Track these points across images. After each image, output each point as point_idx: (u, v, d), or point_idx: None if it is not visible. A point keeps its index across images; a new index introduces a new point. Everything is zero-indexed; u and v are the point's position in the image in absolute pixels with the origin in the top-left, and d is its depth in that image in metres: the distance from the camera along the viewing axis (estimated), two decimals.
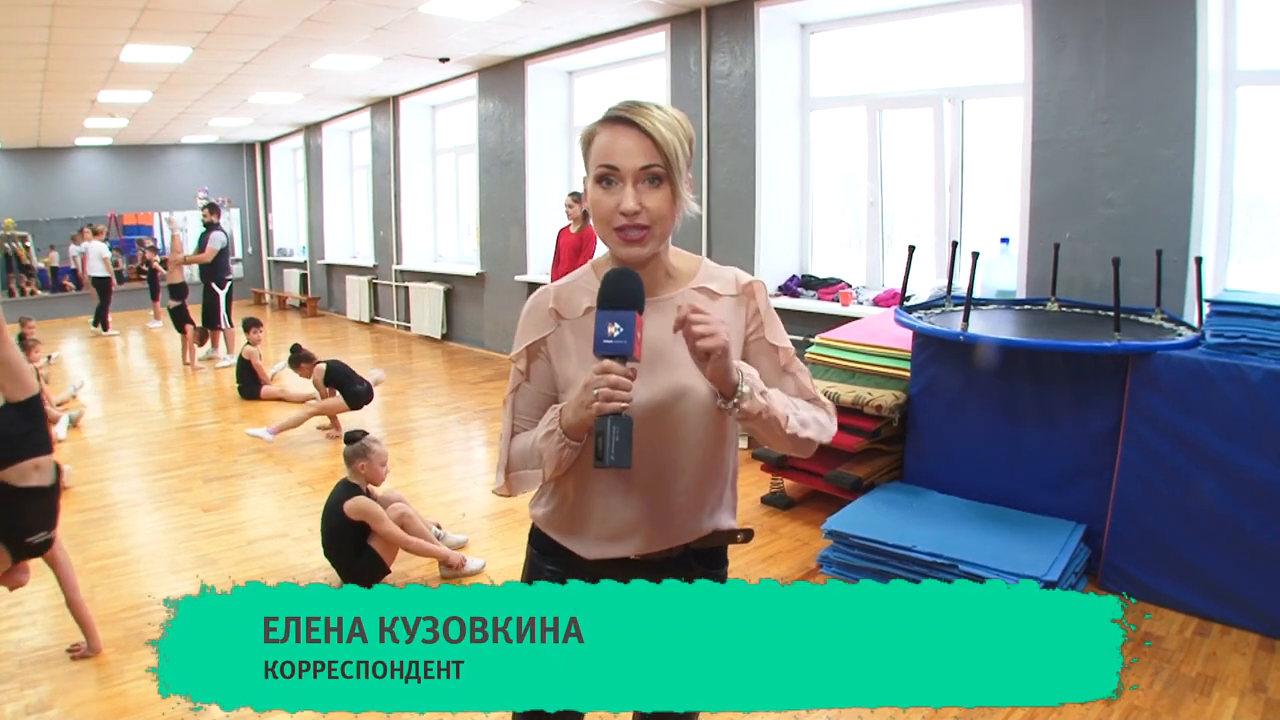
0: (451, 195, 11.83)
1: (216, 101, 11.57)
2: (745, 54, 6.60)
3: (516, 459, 1.66)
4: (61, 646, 3.48)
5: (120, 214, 16.71)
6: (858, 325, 5.21)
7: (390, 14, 7.14)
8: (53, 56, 8.02)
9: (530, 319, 1.68)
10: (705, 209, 7.03)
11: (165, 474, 5.92)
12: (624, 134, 1.52)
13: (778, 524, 4.57)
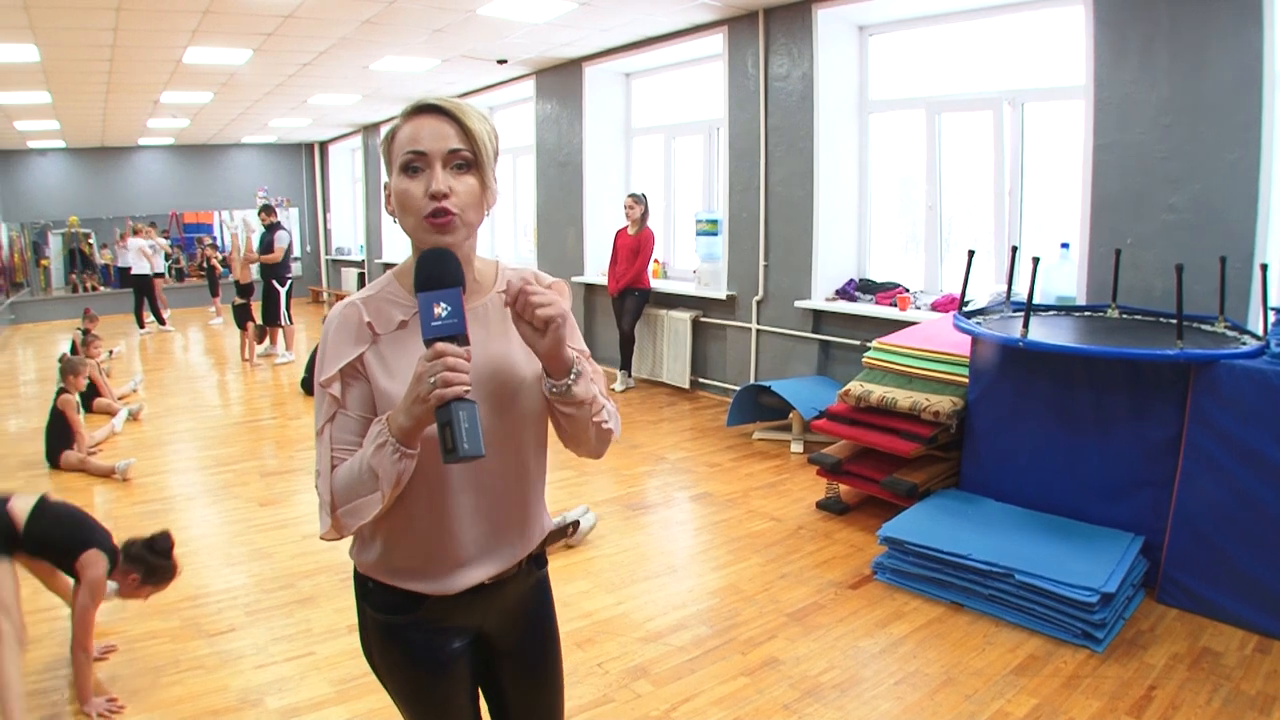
0: (509, 196, 11.95)
1: (276, 102, 11.79)
2: (803, 56, 6.60)
3: (342, 493, 1.47)
4: (117, 635, 3.62)
5: (181, 213, 17.14)
6: (915, 330, 5.19)
7: (448, 16, 7.22)
8: (117, 59, 8.25)
9: (340, 336, 1.53)
10: (763, 212, 7.04)
11: (223, 468, 6.09)
12: (430, 121, 1.48)
13: (832, 529, 4.59)
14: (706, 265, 7.67)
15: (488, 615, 1.69)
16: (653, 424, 6.94)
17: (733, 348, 7.54)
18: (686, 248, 8.50)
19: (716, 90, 7.61)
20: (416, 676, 1.65)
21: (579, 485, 5.47)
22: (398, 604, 1.60)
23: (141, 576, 3.30)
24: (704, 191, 8.26)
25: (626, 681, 3.16)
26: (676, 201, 8.81)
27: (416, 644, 1.62)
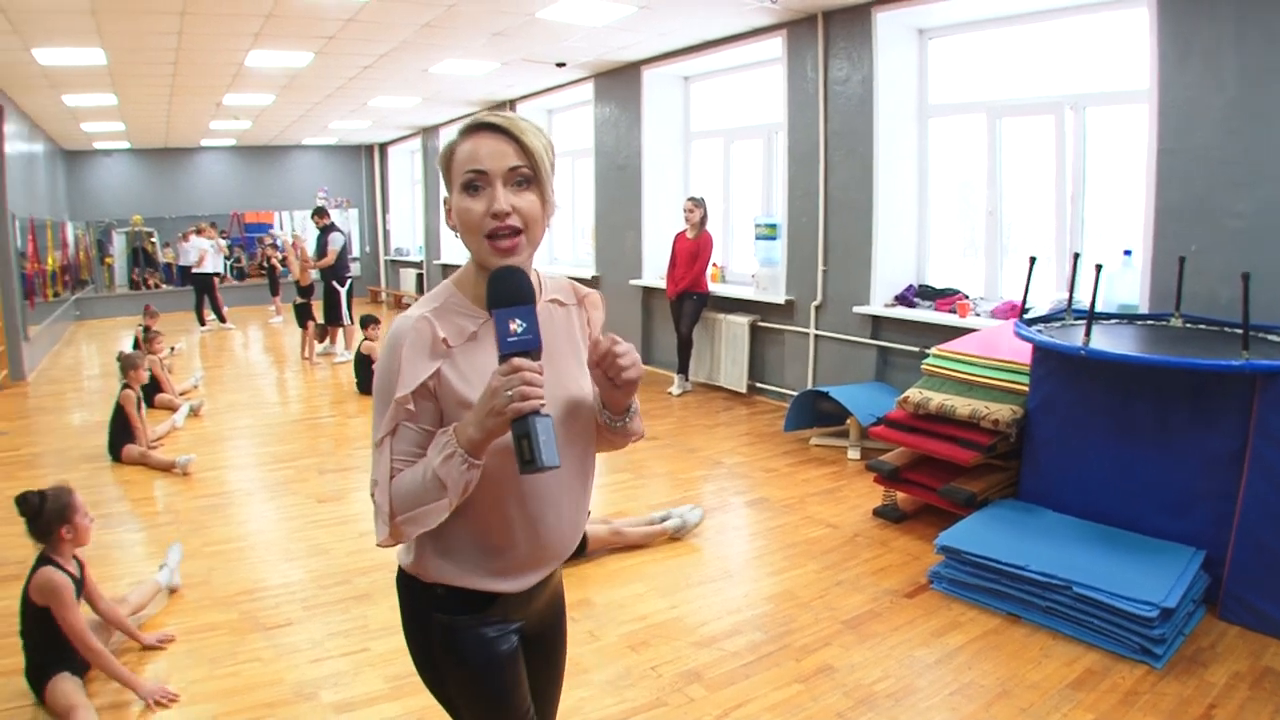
0: (567, 198, 12.03)
1: (336, 105, 12.00)
2: (863, 60, 6.58)
3: (403, 501, 1.51)
4: (179, 625, 3.74)
5: (242, 213, 17.55)
6: (975, 337, 5.16)
7: (507, 20, 7.30)
8: (181, 62, 8.48)
9: (416, 351, 1.54)
10: (822, 217, 7.03)
11: (281, 464, 6.24)
12: (488, 139, 1.52)
13: (889, 537, 4.58)
14: (765, 270, 7.68)
15: (537, 607, 1.78)
16: (709, 428, 6.97)
17: (790, 353, 7.54)
18: (745, 252, 8.51)
19: (775, 94, 7.60)
20: (492, 671, 1.70)
21: (635, 488, 5.53)
22: (471, 603, 1.66)
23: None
24: (762, 195, 8.26)
25: (680, 685, 3.19)
26: (735, 205, 8.82)
27: (489, 639, 1.68)
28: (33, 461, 6.48)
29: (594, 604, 3.90)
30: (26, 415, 8.14)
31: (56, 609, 3.09)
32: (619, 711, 3.05)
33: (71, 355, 12.05)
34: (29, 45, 7.45)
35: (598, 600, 3.93)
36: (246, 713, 3.08)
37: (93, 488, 5.71)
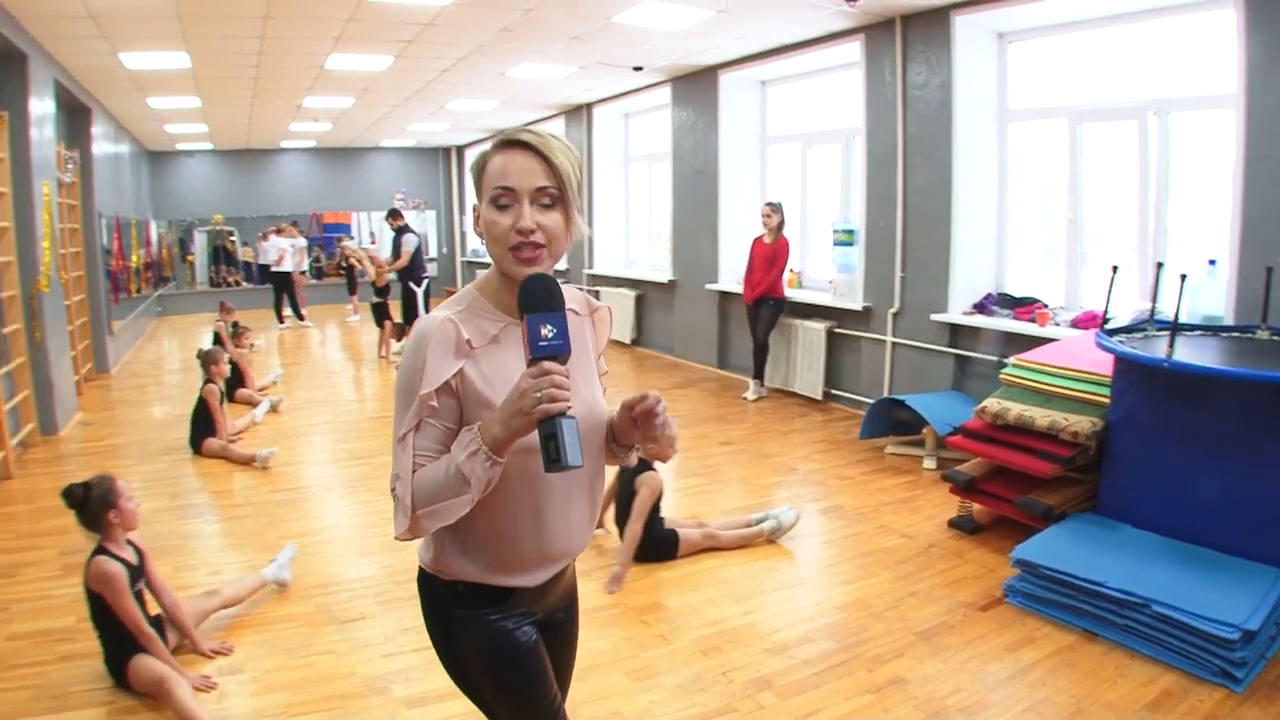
0: (644, 202, 12.11)
1: (415, 107, 12.24)
2: (941, 64, 6.53)
3: (424, 496, 1.57)
4: (257, 616, 3.88)
5: (321, 213, 17.99)
6: (1055, 347, 5.09)
7: (585, 24, 7.39)
8: (263, 65, 8.74)
9: (440, 352, 1.61)
10: (900, 223, 6.99)
11: (358, 461, 6.41)
12: (519, 156, 1.60)
13: (964, 549, 4.55)
14: (842, 276, 7.66)
15: (552, 599, 1.87)
16: (784, 434, 6.98)
17: (867, 360, 7.51)
18: (822, 257, 8.49)
19: (853, 98, 7.58)
20: (518, 662, 1.77)
21: (709, 493, 5.57)
22: (490, 598, 1.74)
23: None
24: (840, 201, 8.23)
25: (750, 692, 3.22)
26: (812, 211, 8.80)
27: (509, 631, 1.76)
28: (115, 452, 6.77)
29: (667, 607, 3.95)
30: (110, 407, 8.50)
31: (110, 596, 3.24)
32: (689, 716, 3.09)
33: (153, 350, 12.52)
34: (117, 50, 7.77)
35: (670, 604, 3.98)
36: (319, 704, 3.18)
37: (173, 479, 5.97)
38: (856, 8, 6.59)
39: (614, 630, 3.74)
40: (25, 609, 4.01)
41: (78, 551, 4.61)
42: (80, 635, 3.66)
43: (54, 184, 7.81)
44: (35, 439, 6.91)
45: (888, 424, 6.36)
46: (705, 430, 7.10)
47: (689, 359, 10.30)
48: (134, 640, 3.26)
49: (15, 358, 6.58)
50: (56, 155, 8.19)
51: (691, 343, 10.25)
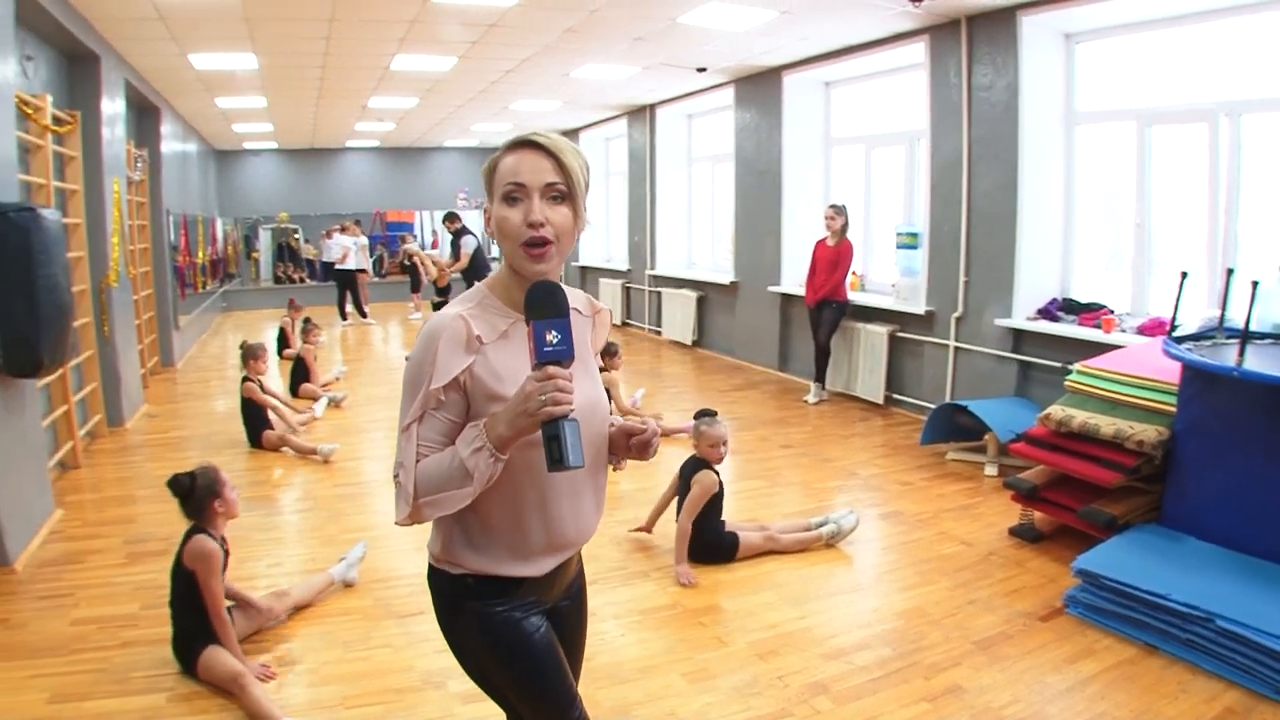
0: (706, 203, 12.12)
1: (478, 108, 12.36)
2: (1007, 65, 6.46)
3: (426, 485, 1.64)
4: (317, 609, 3.98)
5: (384, 211, 18.31)
6: (1121, 354, 5.02)
7: (649, 25, 7.43)
8: (329, 66, 8.93)
9: (450, 347, 1.66)
10: (964, 226, 6.93)
11: None
12: (529, 155, 1.67)
13: (1024, 557, 4.51)
14: (905, 279, 7.61)
15: (560, 588, 1.92)
16: (845, 439, 6.97)
17: (929, 365, 7.45)
18: (885, 261, 8.44)
19: (918, 100, 7.53)
20: (529, 650, 1.82)
21: (769, 496, 5.59)
22: (499, 590, 1.79)
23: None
24: (904, 204, 8.18)
25: (806, 697, 3.22)
26: (876, 213, 8.76)
27: (518, 621, 1.81)
28: (179, 444, 6.99)
29: (724, 610, 3.97)
30: (175, 400, 8.79)
31: (203, 574, 3.37)
32: (744, 719, 3.11)
33: (218, 344, 12.87)
34: (186, 51, 8.00)
35: (727, 606, 4.00)
36: (375, 697, 3.25)
37: (235, 472, 6.08)
38: (921, 8, 6.54)
39: (670, 631, 3.78)
40: (91, 595, 4.18)
41: (142, 541, 4.85)
42: (144, 622, 3.83)
43: (124, 181, 8.05)
44: (102, 430, 7.16)
45: (949, 430, 6.31)
46: (766, 433, 7.12)
47: (750, 361, 10.31)
48: (209, 628, 3.38)
49: (84, 351, 6.79)
50: (126, 153, 8.44)
51: (753, 345, 10.25)
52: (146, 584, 4.27)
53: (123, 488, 5.91)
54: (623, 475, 5.97)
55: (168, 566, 3.52)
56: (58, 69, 6.93)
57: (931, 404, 7.04)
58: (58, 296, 4.81)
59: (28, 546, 4.69)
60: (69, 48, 6.87)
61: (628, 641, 3.71)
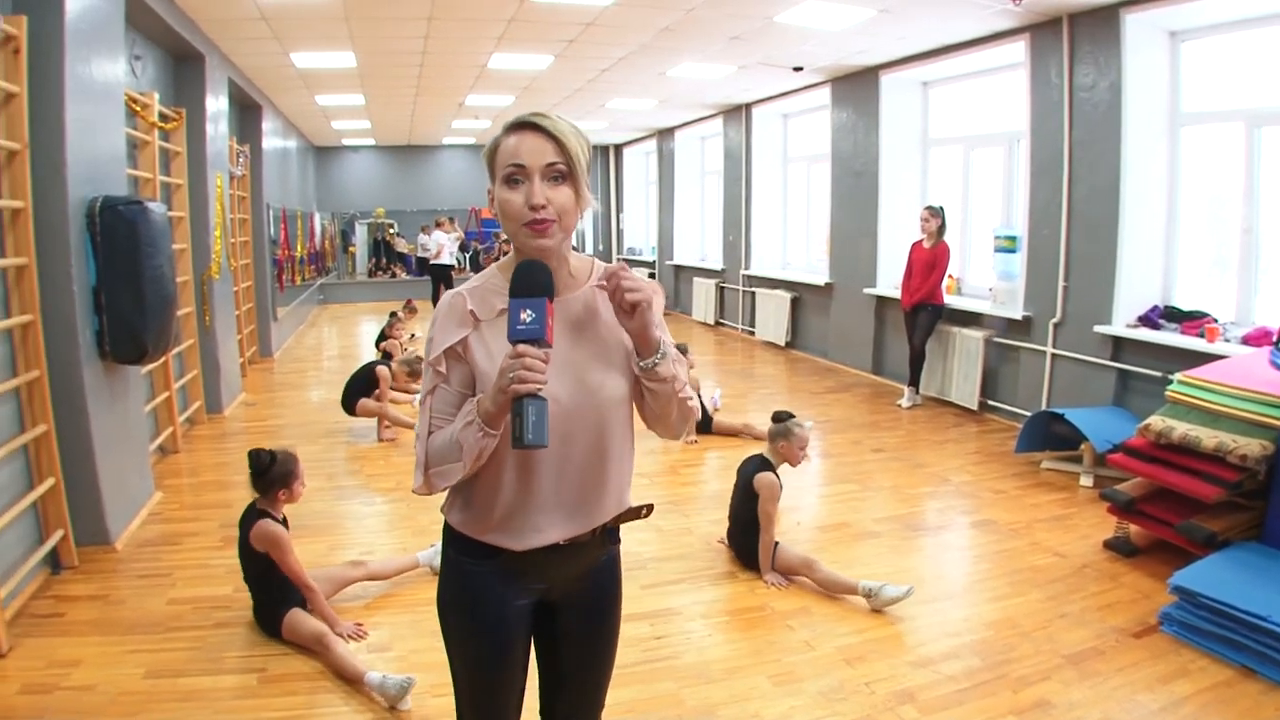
0: (802, 204, 12.08)
1: (574, 106, 12.46)
2: (1110, 65, 6.33)
3: (435, 456, 1.73)
4: (407, 596, 4.13)
5: (479, 208, 18.68)
6: (1225, 364, 4.88)
7: (745, 24, 7.46)
8: (427, 65, 9.15)
9: (447, 322, 1.76)
10: (1064, 230, 6.81)
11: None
12: (529, 136, 1.69)
13: (1118, 571, 4.44)
14: (1003, 283, 7.50)
15: (557, 576, 1.91)
16: (938, 444, 6.92)
17: (1025, 371, 7.33)
18: (982, 264, 8.33)
19: (1017, 100, 7.41)
20: (481, 623, 1.88)
21: (859, 499, 5.60)
22: (475, 550, 1.84)
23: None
24: (1003, 206, 8.06)
25: (892, 705, 3.23)
26: (974, 216, 8.64)
27: (489, 591, 1.86)
28: (276, 432, 7.28)
29: (812, 613, 4.00)
30: (272, 389, 9.13)
31: (278, 556, 3.61)
32: None
33: (314, 336, 13.31)
34: (287, 50, 8.30)
35: (816, 611, 4.03)
36: None
37: (330, 461, 6.41)
38: (1022, 6, 6.45)
39: (759, 633, 3.83)
40: (187, 575, 4.43)
41: (237, 525, 5.06)
42: (237, 604, 4.04)
43: (226, 176, 8.38)
44: (201, 417, 7.51)
45: (1045, 438, 6.21)
46: (858, 436, 7.11)
47: (843, 363, 10.26)
48: (285, 595, 3.63)
49: (186, 340, 7.13)
50: (229, 149, 8.77)
51: (846, 347, 10.21)
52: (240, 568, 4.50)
53: (219, 473, 6.20)
54: (714, 475, 6.05)
55: None
56: (165, 68, 7.25)
57: (1027, 411, 6.97)
58: (163, 287, 4.98)
59: (128, 527, 4.96)
60: (176, 47, 7.19)
61: (715, 641, 3.77)
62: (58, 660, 3.56)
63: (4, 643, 3.59)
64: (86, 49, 4.56)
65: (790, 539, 4.61)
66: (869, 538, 4.94)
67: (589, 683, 2.06)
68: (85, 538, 4.61)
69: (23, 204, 4.09)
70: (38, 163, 4.19)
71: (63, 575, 4.39)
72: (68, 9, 4.30)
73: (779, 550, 4.39)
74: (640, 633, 3.81)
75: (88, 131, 4.58)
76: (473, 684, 1.96)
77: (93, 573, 4.44)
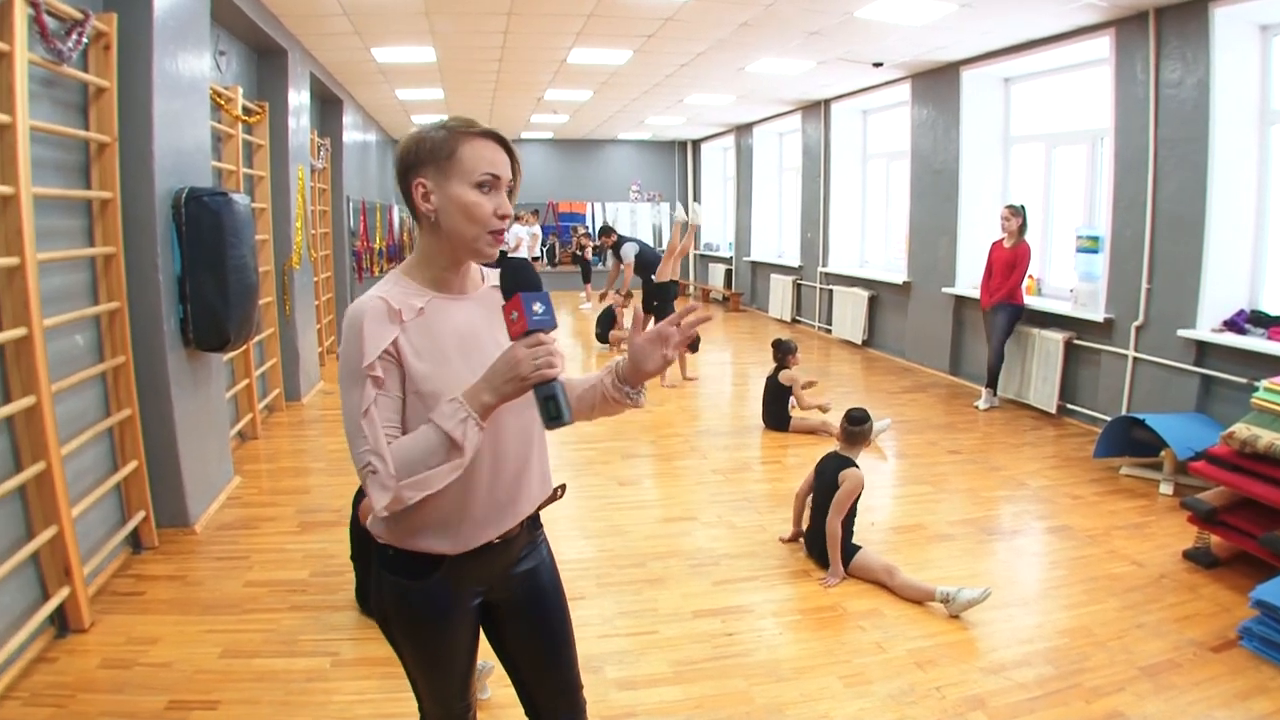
0: (881, 201, 11.99)
1: (652, 101, 12.58)
2: (1198, 60, 6.19)
3: (405, 467, 1.65)
4: None
5: (557, 202, 18.85)
6: None
7: (824, 19, 7.45)
8: (506, 59, 9.29)
9: (374, 327, 1.71)
10: (1148, 230, 6.68)
11: (586, 445, 6.75)
12: (499, 150, 1.79)
13: (1198, 583, 4.35)
14: (1084, 284, 7.38)
15: (491, 575, 1.94)
16: (1015, 447, 6.85)
17: (1106, 374, 7.21)
18: (1063, 265, 8.20)
19: (1101, 97, 7.28)
20: (426, 630, 1.90)
21: (934, 501, 5.58)
22: (418, 568, 1.82)
23: None
24: (1085, 205, 7.92)
25: (962, 710, 3.21)
26: (1055, 215, 8.50)
27: (435, 602, 1.86)
28: None
29: (884, 615, 4.01)
30: None
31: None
32: None
33: None
34: (368, 45, 8.48)
35: (888, 612, 4.03)
36: None
37: None
38: (1107, 0, 6.33)
39: (830, 633, 3.85)
40: (264, 559, 4.59)
41: (314, 511, 5.26)
42: (312, 589, 4.19)
43: (307, 169, 8.57)
44: (280, 404, 7.76)
45: (1124, 443, 6.10)
46: (934, 437, 7.08)
47: (920, 363, 10.19)
48: None
49: (267, 328, 7.38)
50: (310, 142, 8.97)
51: (924, 347, 10.13)
52: (317, 553, 4.64)
53: (297, 460, 6.41)
54: (790, 473, 6.08)
55: (338, 537, 3.89)
56: (248, 63, 7.49)
57: (1106, 416, 6.86)
58: (245, 276, 5.09)
59: (207, 510, 5.17)
60: (259, 43, 7.40)
61: (786, 640, 3.80)
62: (137, 637, 3.73)
63: (86, 618, 3.78)
64: (173, 45, 4.74)
65: (863, 539, 4.60)
66: (943, 540, 4.93)
67: (554, 675, 2.08)
68: (166, 519, 4.82)
69: (111, 195, 4.27)
70: (126, 155, 4.38)
71: (143, 555, 4.61)
72: (156, 6, 4.48)
73: (862, 554, 4.40)
74: (711, 629, 3.87)
75: (174, 125, 4.76)
76: (426, 679, 2.01)
77: (172, 553, 4.64)
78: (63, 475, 3.66)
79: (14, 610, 3.46)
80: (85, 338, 4.22)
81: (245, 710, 3.22)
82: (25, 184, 3.41)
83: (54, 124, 3.88)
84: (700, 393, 9.07)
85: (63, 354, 3.94)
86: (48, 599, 3.64)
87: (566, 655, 2.08)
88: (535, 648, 2.04)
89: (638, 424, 7.48)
